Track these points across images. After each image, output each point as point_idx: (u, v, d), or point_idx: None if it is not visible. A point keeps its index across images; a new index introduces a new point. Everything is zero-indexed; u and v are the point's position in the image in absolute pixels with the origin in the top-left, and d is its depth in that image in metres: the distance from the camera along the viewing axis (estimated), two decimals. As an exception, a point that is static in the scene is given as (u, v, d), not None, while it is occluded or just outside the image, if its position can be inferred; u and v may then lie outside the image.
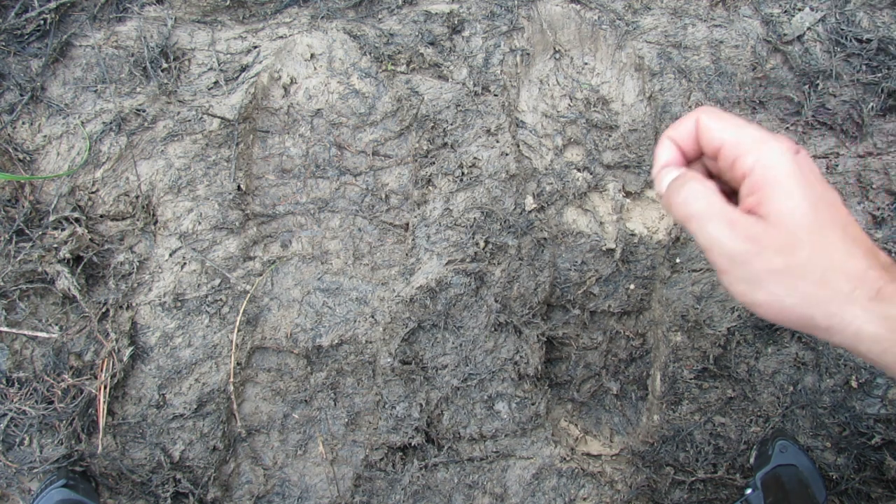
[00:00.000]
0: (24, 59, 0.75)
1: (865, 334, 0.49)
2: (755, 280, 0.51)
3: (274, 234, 0.77)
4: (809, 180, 0.51)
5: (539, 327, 0.77)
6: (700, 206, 0.53)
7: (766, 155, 0.51)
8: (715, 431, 0.78)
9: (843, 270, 0.49)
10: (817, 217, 0.50)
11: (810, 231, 0.50)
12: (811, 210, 0.50)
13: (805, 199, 0.50)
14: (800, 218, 0.50)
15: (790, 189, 0.50)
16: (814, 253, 0.49)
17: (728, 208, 0.52)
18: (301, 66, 0.76)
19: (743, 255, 0.50)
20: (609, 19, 0.76)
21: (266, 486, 0.77)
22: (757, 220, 0.51)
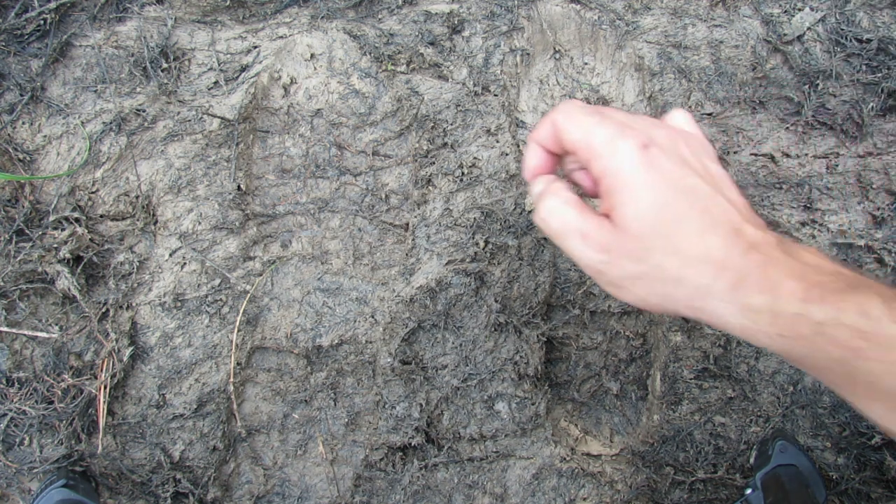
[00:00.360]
0: (24, 59, 0.75)
1: (732, 325, 0.48)
2: (618, 285, 0.51)
3: (274, 234, 0.77)
4: (659, 176, 0.49)
5: (539, 327, 0.77)
6: (557, 223, 0.53)
7: (613, 158, 0.50)
8: (715, 431, 0.78)
9: (700, 264, 0.48)
10: (667, 215, 0.48)
11: (659, 234, 0.49)
12: (659, 210, 0.49)
13: (653, 201, 0.49)
14: (647, 222, 0.49)
15: (636, 193, 0.49)
16: (665, 255, 0.48)
17: (581, 220, 0.52)
18: (301, 66, 0.76)
19: (598, 266, 0.51)
20: (609, 19, 0.76)
21: (266, 486, 0.77)
22: (609, 228, 0.51)
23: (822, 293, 0.45)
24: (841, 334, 0.44)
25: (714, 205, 0.49)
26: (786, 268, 0.47)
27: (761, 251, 0.47)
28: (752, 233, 0.49)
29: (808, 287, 0.45)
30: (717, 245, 0.48)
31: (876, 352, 0.43)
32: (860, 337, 0.43)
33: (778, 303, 0.45)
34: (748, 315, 0.47)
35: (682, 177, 0.49)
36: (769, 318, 0.46)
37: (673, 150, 0.51)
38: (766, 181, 0.75)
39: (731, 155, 0.75)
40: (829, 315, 0.44)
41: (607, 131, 0.50)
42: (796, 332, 0.46)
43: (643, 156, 0.49)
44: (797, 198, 0.75)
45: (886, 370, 0.43)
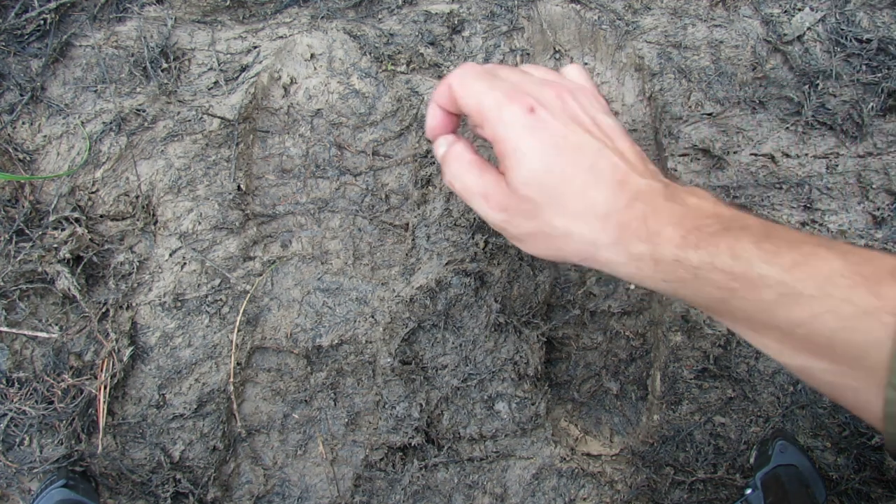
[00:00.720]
0: (24, 59, 0.75)
1: (621, 273, 0.51)
2: (519, 239, 0.55)
3: (274, 234, 0.77)
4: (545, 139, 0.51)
5: (539, 327, 0.77)
6: (460, 185, 0.56)
7: (501, 124, 0.52)
8: (715, 431, 0.78)
9: (585, 219, 0.50)
10: (553, 177, 0.51)
11: (547, 195, 0.51)
12: (545, 173, 0.51)
13: (539, 164, 0.51)
14: (535, 185, 0.51)
15: (523, 158, 0.51)
16: (553, 214, 0.51)
17: (482, 182, 0.55)
18: (301, 66, 0.76)
19: (500, 223, 0.54)
20: (609, 19, 0.76)
21: (266, 486, 0.77)
22: (506, 189, 0.53)
23: (698, 238, 0.47)
24: (716, 277, 0.46)
25: (600, 159, 0.51)
26: (666, 215, 0.49)
27: (644, 200, 0.50)
28: (636, 183, 0.51)
29: (686, 233, 0.47)
30: (601, 199, 0.50)
31: (748, 291, 0.45)
32: (733, 278, 0.45)
33: (658, 250, 0.48)
34: (633, 263, 0.50)
35: (569, 135, 0.51)
36: (651, 264, 0.49)
37: (561, 108, 0.53)
38: (766, 181, 0.75)
39: (731, 155, 0.75)
40: (704, 259, 0.46)
41: (495, 96, 0.52)
42: (677, 277, 0.48)
43: (529, 119, 0.51)
44: (797, 198, 0.75)
45: (760, 308, 0.45)
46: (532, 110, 0.51)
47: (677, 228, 0.48)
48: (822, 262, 0.43)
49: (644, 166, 0.53)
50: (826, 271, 0.43)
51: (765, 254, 0.45)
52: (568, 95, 0.54)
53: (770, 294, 0.44)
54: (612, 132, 0.54)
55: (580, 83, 0.58)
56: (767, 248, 0.45)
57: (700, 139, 0.75)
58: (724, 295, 0.46)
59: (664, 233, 0.48)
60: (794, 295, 0.43)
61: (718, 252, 0.46)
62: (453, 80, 0.55)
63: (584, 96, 0.55)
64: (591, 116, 0.54)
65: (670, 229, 0.48)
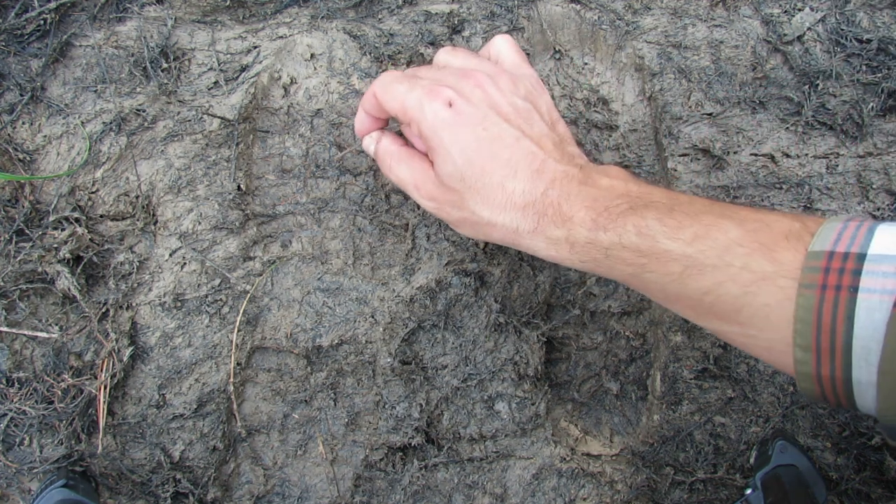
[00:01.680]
0: (24, 59, 0.75)
1: (543, 255, 0.53)
2: (451, 224, 0.58)
3: (274, 234, 0.77)
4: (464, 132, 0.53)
5: (539, 327, 0.77)
6: (394, 178, 0.59)
7: (425, 122, 0.54)
8: (715, 431, 0.78)
9: (506, 210, 0.53)
10: (473, 170, 0.53)
11: (469, 187, 0.53)
12: (466, 167, 0.53)
13: (459, 159, 0.53)
14: (457, 178, 0.53)
15: (446, 152, 0.53)
16: (476, 205, 0.53)
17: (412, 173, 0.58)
18: (301, 66, 0.76)
19: (432, 210, 0.57)
20: (609, 19, 0.76)
21: (266, 486, 0.77)
22: (434, 179, 0.56)
23: (607, 219, 0.49)
24: (625, 255, 0.49)
25: (517, 150, 0.53)
26: (579, 199, 0.51)
27: (559, 187, 0.52)
28: (552, 170, 0.53)
29: (597, 215, 0.50)
30: (518, 190, 0.52)
31: (656, 266, 0.47)
32: (640, 255, 0.48)
33: (572, 234, 0.51)
34: (552, 247, 0.52)
35: (488, 126, 0.53)
36: (567, 247, 0.51)
37: (480, 98, 0.54)
38: (766, 181, 0.75)
39: (731, 155, 0.75)
40: (613, 239, 0.49)
41: (416, 95, 0.54)
42: (591, 257, 0.51)
43: (449, 114, 0.53)
44: (797, 198, 0.75)
45: (669, 280, 0.47)
46: (451, 104, 0.53)
47: (589, 212, 0.50)
48: (721, 233, 0.45)
49: (561, 151, 0.55)
50: (725, 241, 0.45)
51: (668, 229, 0.47)
52: (487, 82, 0.56)
53: (676, 267, 0.46)
54: (532, 117, 0.56)
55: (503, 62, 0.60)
56: (670, 223, 0.47)
57: (700, 139, 0.75)
58: (636, 270, 0.49)
59: (577, 217, 0.50)
60: (698, 266, 0.45)
61: (626, 231, 0.48)
62: (377, 88, 0.58)
63: (503, 81, 0.57)
64: (510, 102, 0.55)
65: (582, 213, 0.50)
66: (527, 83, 0.59)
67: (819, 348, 0.41)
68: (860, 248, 0.40)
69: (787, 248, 0.43)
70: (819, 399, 0.44)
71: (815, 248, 0.42)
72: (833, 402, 0.43)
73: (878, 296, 0.38)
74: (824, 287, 0.40)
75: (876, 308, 0.38)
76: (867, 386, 0.40)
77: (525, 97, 0.57)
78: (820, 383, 0.42)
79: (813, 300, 0.40)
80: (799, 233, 0.44)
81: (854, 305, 0.39)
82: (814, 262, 0.41)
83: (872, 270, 0.39)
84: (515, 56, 0.61)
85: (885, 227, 0.41)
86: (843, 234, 0.41)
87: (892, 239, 0.40)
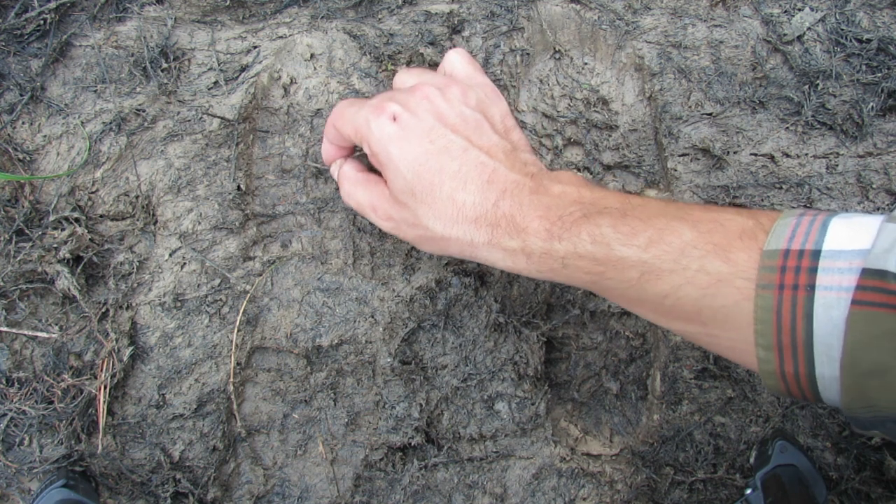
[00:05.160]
0: (24, 59, 0.75)
1: (501, 266, 0.53)
2: (411, 242, 0.57)
3: (274, 234, 0.77)
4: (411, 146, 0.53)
5: (539, 327, 0.77)
6: (352, 202, 0.60)
7: (373, 138, 0.54)
8: (715, 431, 0.78)
9: (458, 224, 0.52)
10: (423, 185, 0.52)
11: (420, 202, 0.53)
12: (415, 182, 0.53)
13: (409, 172, 0.53)
14: (408, 192, 0.53)
15: (395, 168, 0.53)
16: (429, 220, 0.53)
17: (369, 196, 0.58)
18: (301, 66, 0.76)
19: (391, 231, 0.57)
20: (609, 19, 0.76)
21: (266, 486, 0.77)
22: (390, 199, 0.56)
23: (562, 228, 0.49)
24: (582, 263, 0.48)
25: (466, 160, 0.53)
26: (532, 209, 0.50)
27: (510, 197, 0.51)
28: (503, 179, 0.52)
29: (551, 225, 0.49)
30: (469, 202, 0.52)
31: (614, 273, 0.47)
32: (597, 263, 0.48)
33: (527, 245, 0.50)
34: (509, 258, 0.52)
35: (434, 139, 0.53)
36: (524, 258, 0.51)
37: (426, 110, 0.54)
38: (766, 181, 0.75)
39: (731, 155, 0.75)
40: (569, 249, 0.48)
41: (364, 114, 0.55)
42: (548, 267, 0.50)
43: (394, 129, 0.53)
44: (797, 198, 0.75)
45: (627, 286, 0.47)
46: (395, 118, 0.53)
47: (543, 221, 0.50)
48: (675, 236, 0.45)
49: (512, 160, 0.54)
50: (679, 244, 0.45)
51: (622, 236, 0.47)
52: (434, 94, 0.55)
53: (633, 273, 0.46)
54: (482, 127, 0.56)
55: (456, 74, 0.60)
56: (624, 229, 0.47)
57: (700, 139, 0.75)
58: (594, 278, 0.49)
59: (531, 227, 0.50)
60: (655, 271, 0.45)
61: (580, 240, 0.48)
62: (333, 115, 0.58)
63: (452, 91, 0.57)
64: (458, 113, 0.55)
65: (536, 223, 0.50)
66: (479, 92, 0.59)
67: (781, 346, 0.41)
68: (815, 245, 0.40)
69: (742, 248, 0.43)
70: (784, 394, 0.44)
71: (770, 246, 0.42)
72: (799, 397, 0.44)
73: (834, 293, 0.38)
74: (781, 287, 0.40)
75: (833, 305, 0.38)
76: (830, 381, 0.40)
77: (475, 107, 0.57)
78: (784, 380, 0.42)
79: (771, 301, 0.40)
80: (753, 231, 0.44)
81: (812, 304, 0.39)
82: (769, 261, 0.41)
83: (828, 267, 0.39)
84: (467, 67, 0.62)
85: (839, 220, 0.41)
86: (798, 231, 0.41)
87: (846, 233, 0.40)
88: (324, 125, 0.76)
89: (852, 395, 0.39)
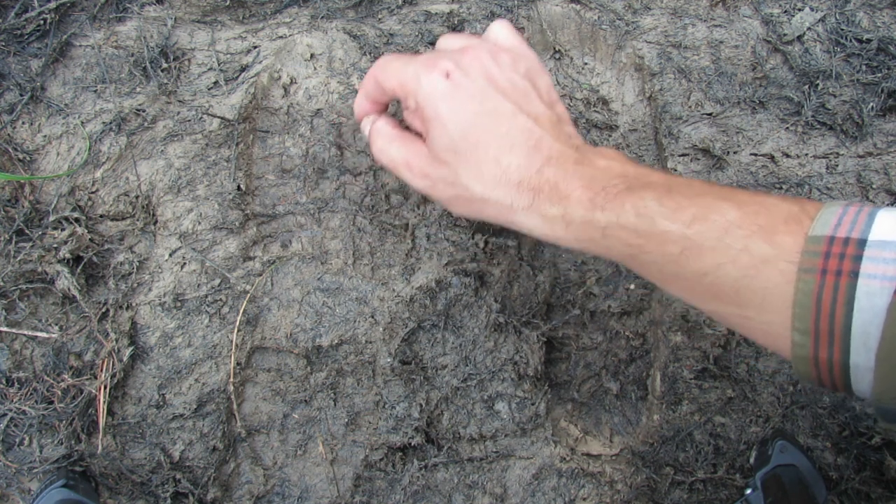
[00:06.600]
0: (24, 59, 0.75)
1: (538, 233, 0.53)
2: (444, 203, 0.56)
3: (274, 234, 0.77)
4: (461, 104, 0.52)
5: (539, 327, 0.77)
6: (386, 159, 0.58)
7: (421, 92, 0.53)
8: (715, 431, 0.78)
9: (500, 186, 0.52)
10: (468, 143, 0.52)
11: (463, 161, 0.52)
12: (461, 139, 0.52)
13: (455, 130, 0.52)
14: (452, 151, 0.53)
15: (441, 124, 0.52)
16: (470, 180, 0.52)
17: (404, 152, 0.57)
18: (301, 66, 0.76)
19: (425, 189, 0.56)
20: (609, 19, 0.76)
21: (266, 486, 0.77)
22: (427, 156, 0.55)
23: (605, 199, 0.49)
24: (623, 235, 0.48)
25: (514, 125, 0.52)
26: (576, 178, 0.50)
27: (556, 165, 0.51)
28: (549, 147, 0.52)
29: (594, 195, 0.49)
30: (514, 165, 0.51)
31: (654, 246, 0.47)
32: (638, 235, 0.47)
33: (569, 212, 0.50)
34: (547, 225, 0.51)
35: (485, 99, 0.52)
36: (564, 226, 0.51)
37: (478, 72, 0.53)
38: (766, 181, 0.75)
39: (731, 155, 0.75)
40: (611, 219, 0.48)
41: (414, 68, 0.54)
42: (588, 236, 0.50)
43: (446, 85, 0.52)
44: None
45: (667, 261, 0.47)
46: (448, 75, 0.52)
47: (586, 191, 0.49)
48: (720, 215, 0.45)
49: (557, 131, 0.54)
50: (724, 223, 0.44)
51: (666, 210, 0.46)
52: (486, 57, 0.54)
53: (674, 248, 0.46)
54: (530, 95, 0.55)
55: (505, 42, 0.60)
56: (669, 204, 0.46)
57: (700, 139, 0.75)
58: (633, 251, 0.48)
59: (574, 195, 0.50)
60: (697, 248, 0.45)
61: (623, 211, 0.48)
62: (376, 69, 0.57)
63: (503, 57, 0.56)
64: (509, 78, 0.54)
65: (579, 192, 0.49)
66: (527, 62, 0.58)
67: (818, 332, 0.41)
68: (861, 234, 0.40)
69: (787, 232, 0.43)
70: (814, 382, 0.44)
71: (816, 232, 0.42)
72: (828, 385, 0.43)
73: (878, 282, 0.39)
74: (824, 272, 0.40)
75: (876, 294, 0.39)
76: (864, 370, 0.40)
77: (524, 75, 0.56)
78: (817, 366, 0.42)
79: (812, 284, 0.40)
80: (798, 216, 0.44)
81: (854, 290, 0.39)
82: (814, 246, 0.41)
83: (873, 256, 0.39)
84: (513, 38, 0.61)
85: (885, 212, 0.41)
86: (844, 219, 0.41)
87: (892, 224, 0.40)
88: (324, 125, 0.76)
89: (885, 385, 0.39)
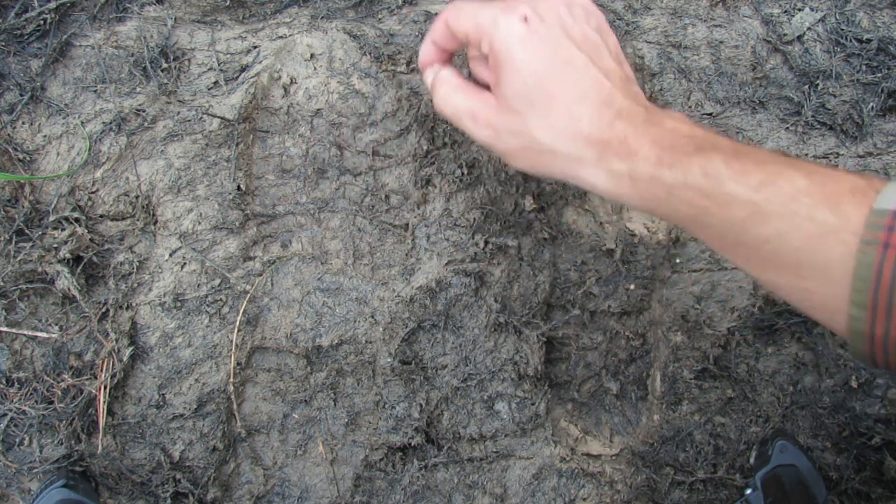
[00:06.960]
0: (24, 59, 0.75)
1: (601, 189, 0.52)
2: (507, 155, 0.55)
3: (274, 234, 0.77)
4: (536, 50, 0.52)
5: (539, 327, 0.77)
6: (449, 109, 0.57)
7: (496, 35, 0.52)
8: (715, 431, 0.78)
9: (570, 137, 0.51)
10: (540, 92, 0.51)
11: (534, 109, 0.52)
12: (534, 87, 0.51)
13: (528, 77, 0.51)
14: (523, 99, 0.52)
15: (515, 69, 0.52)
16: (539, 130, 0.52)
17: (469, 102, 0.56)
18: (301, 66, 0.76)
19: (488, 141, 0.55)
20: (609, 19, 0.76)
21: (266, 486, 0.77)
22: (494, 105, 0.54)
23: (673, 157, 0.48)
24: (688, 195, 0.47)
25: (587, 77, 0.52)
26: (646, 135, 0.50)
27: (626, 120, 0.51)
28: (619, 103, 0.52)
29: (661, 152, 0.49)
30: (585, 117, 0.51)
31: (718, 209, 0.46)
32: (704, 196, 0.47)
33: (636, 169, 0.49)
34: (612, 180, 0.51)
35: (559, 49, 0.52)
36: (629, 182, 0.50)
37: (554, 20, 0.53)
38: (766, 181, 0.75)
39: (731, 155, 0.75)
40: (678, 178, 0.47)
41: (491, 11, 0.53)
42: (652, 195, 0.49)
43: (523, 29, 0.52)
44: (797, 198, 0.75)
45: (730, 225, 0.46)
46: (527, 20, 0.52)
47: (654, 148, 0.49)
48: (788, 182, 0.44)
49: (626, 88, 0.54)
50: (791, 190, 0.44)
51: (734, 173, 0.46)
52: (562, 6, 0.54)
53: (739, 212, 0.46)
54: (600, 50, 0.54)
55: None
56: (737, 167, 0.46)
57: (700, 139, 0.75)
58: (696, 212, 0.48)
59: (642, 152, 0.49)
60: (762, 213, 0.45)
61: (691, 171, 0.47)
62: (448, 14, 0.56)
63: (577, 9, 0.55)
64: (582, 30, 0.54)
65: (648, 149, 0.49)
66: (597, 18, 0.58)
67: (876, 306, 0.40)
68: None
69: (853, 203, 0.42)
70: (867, 359, 0.43)
71: (881, 205, 0.41)
72: (881, 363, 0.43)
73: None
74: (887, 245, 0.39)
75: None
76: None
77: (596, 30, 0.56)
78: (872, 342, 0.42)
79: (874, 257, 0.40)
80: (864, 189, 0.43)
81: None
82: (878, 219, 0.41)
83: None
84: None
85: None
86: None
87: None
88: (324, 125, 0.76)
89: None
